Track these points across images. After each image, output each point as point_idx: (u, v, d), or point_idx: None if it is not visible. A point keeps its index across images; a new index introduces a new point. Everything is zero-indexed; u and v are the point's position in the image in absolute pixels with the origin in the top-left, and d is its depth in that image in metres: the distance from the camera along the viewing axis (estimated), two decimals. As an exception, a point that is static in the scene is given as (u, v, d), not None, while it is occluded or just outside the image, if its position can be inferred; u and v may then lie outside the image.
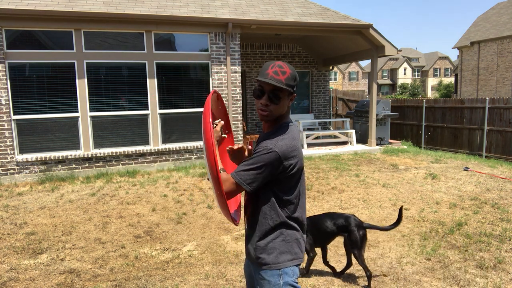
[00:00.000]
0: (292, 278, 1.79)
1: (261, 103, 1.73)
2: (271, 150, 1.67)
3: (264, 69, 1.73)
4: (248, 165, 1.68)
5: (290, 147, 1.71)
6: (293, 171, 1.73)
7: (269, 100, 1.72)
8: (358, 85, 61.44)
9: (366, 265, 3.32)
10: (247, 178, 1.68)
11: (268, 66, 1.72)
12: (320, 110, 13.76)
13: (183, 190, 6.53)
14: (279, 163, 1.68)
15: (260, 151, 1.69)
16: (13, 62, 7.28)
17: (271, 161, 1.67)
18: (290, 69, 1.73)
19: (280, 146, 1.69)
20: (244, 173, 1.68)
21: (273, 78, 1.68)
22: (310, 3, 9.96)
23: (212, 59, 8.49)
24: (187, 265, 3.86)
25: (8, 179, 7.34)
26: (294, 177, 1.76)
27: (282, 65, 1.72)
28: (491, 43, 24.50)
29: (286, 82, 1.70)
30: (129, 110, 8.12)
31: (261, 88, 1.73)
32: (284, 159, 1.69)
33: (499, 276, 3.51)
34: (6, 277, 3.63)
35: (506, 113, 10.05)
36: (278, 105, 1.73)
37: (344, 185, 6.75)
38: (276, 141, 1.70)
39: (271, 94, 1.71)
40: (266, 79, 1.69)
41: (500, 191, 6.33)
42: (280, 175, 1.72)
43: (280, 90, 1.71)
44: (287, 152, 1.70)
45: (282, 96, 1.73)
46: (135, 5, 7.94)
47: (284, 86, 1.69)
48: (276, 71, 1.70)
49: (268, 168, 1.67)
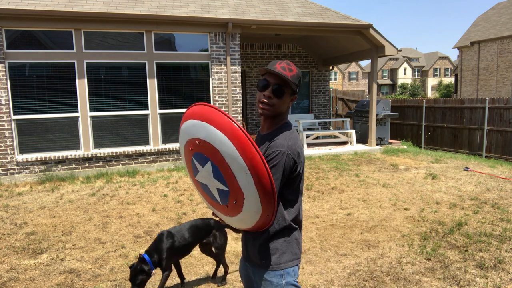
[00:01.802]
0: (294, 278, 1.79)
1: (264, 94, 1.73)
2: (284, 152, 1.67)
3: (271, 64, 1.75)
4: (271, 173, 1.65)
5: (298, 147, 1.73)
6: (298, 171, 1.75)
7: (272, 93, 1.72)
8: (358, 85, 61.43)
9: (226, 261, 3.48)
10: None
11: (276, 62, 1.74)
12: (320, 110, 13.76)
13: (183, 190, 6.53)
14: (293, 163, 1.70)
15: (274, 157, 1.67)
16: (13, 62, 7.28)
17: (286, 163, 1.68)
18: (297, 69, 1.76)
19: (291, 147, 1.70)
20: None
21: (280, 72, 1.70)
22: (310, 3, 9.96)
23: (212, 59, 8.49)
24: (187, 265, 3.86)
25: (8, 179, 7.34)
26: (298, 177, 1.78)
27: (290, 63, 1.75)
28: (491, 43, 24.50)
29: (291, 79, 1.72)
30: (129, 110, 8.12)
31: (266, 80, 1.74)
32: (295, 158, 1.71)
33: (499, 276, 3.51)
34: (6, 277, 3.63)
35: (506, 113, 10.05)
36: (280, 100, 1.74)
37: (344, 185, 6.75)
38: (286, 142, 1.70)
39: (275, 87, 1.72)
40: (274, 70, 1.71)
41: (500, 191, 6.33)
42: (290, 176, 1.73)
43: (284, 85, 1.73)
44: (296, 151, 1.72)
45: (286, 92, 1.74)
46: (135, 5, 7.94)
47: (289, 80, 1.71)
48: (283, 66, 1.72)
49: (286, 171, 1.68)
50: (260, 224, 1.65)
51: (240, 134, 1.46)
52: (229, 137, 1.47)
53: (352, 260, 3.89)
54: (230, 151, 1.47)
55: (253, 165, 1.45)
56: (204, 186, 1.72)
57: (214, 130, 1.50)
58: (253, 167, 1.45)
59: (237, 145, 1.45)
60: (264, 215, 1.58)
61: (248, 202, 1.55)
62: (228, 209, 1.65)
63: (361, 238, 4.46)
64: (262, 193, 1.49)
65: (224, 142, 1.48)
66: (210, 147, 1.54)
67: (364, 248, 4.17)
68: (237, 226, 1.77)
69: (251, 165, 1.45)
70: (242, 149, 1.45)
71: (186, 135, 1.67)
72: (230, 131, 1.47)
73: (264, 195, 1.49)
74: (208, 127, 1.52)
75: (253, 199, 1.52)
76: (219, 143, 1.49)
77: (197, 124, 1.58)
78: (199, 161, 1.64)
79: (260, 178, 1.46)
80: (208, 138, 1.53)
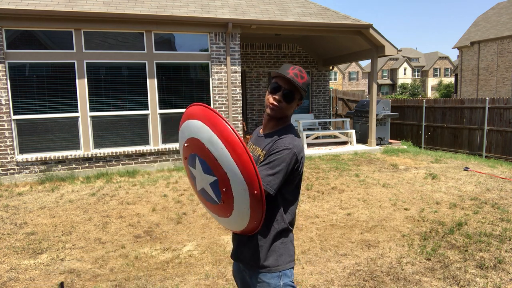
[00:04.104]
0: (290, 278, 1.80)
1: (275, 97, 1.78)
2: (290, 149, 1.70)
3: (284, 68, 1.79)
4: (270, 168, 1.67)
5: (302, 147, 1.79)
6: (300, 170, 1.79)
7: (283, 97, 1.77)
8: (358, 85, 61.43)
9: None
10: (271, 181, 1.66)
11: (289, 67, 1.79)
12: (320, 110, 13.76)
13: (183, 190, 6.53)
14: (296, 162, 1.73)
15: (280, 151, 1.70)
16: (13, 62, 7.28)
17: (291, 161, 1.70)
18: (307, 76, 1.83)
19: (296, 145, 1.74)
20: (269, 177, 1.65)
21: (293, 78, 1.75)
22: (310, 3, 9.96)
23: (212, 59, 8.49)
24: (187, 265, 3.86)
25: (8, 179, 7.34)
26: (298, 177, 1.81)
27: (302, 70, 1.81)
28: (491, 43, 24.50)
29: (302, 86, 1.78)
30: (129, 110, 8.12)
31: (278, 84, 1.79)
32: (299, 157, 1.74)
33: (499, 276, 3.51)
34: (6, 277, 3.63)
35: (506, 113, 10.05)
36: (290, 105, 1.80)
37: (344, 185, 6.75)
38: (291, 141, 1.74)
39: (286, 92, 1.77)
40: (287, 76, 1.75)
41: (500, 191, 6.33)
42: (291, 175, 1.75)
43: (295, 91, 1.78)
44: (300, 151, 1.76)
45: (295, 97, 1.80)
46: (135, 5, 7.94)
47: (300, 87, 1.76)
48: (296, 73, 1.77)
49: (289, 168, 1.70)
50: (254, 216, 1.60)
51: (209, 113, 1.54)
52: (203, 121, 1.56)
53: (352, 260, 3.89)
54: (207, 134, 1.54)
55: (225, 137, 1.49)
56: (203, 193, 1.73)
57: (192, 122, 1.62)
58: (225, 139, 1.49)
59: (209, 124, 1.53)
60: (252, 196, 1.52)
61: (234, 184, 1.53)
62: (224, 205, 1.65)
63: (361, 238, 4.46)
64: (241, 166, 1.48)
65: (200, 128, 1.57)
66: (194, 141, 1.62)
67: (364, 248, 4.17)
68: (233, 228, 1.77)
69: (223, 137, 1.50)
70: (213, 125, 1.52)
71: (180, 142, 1.79)
72: (202, 115, 1.57)
73: (244, 168, 1.48)
74: (189, 123, 1.65)
75: (236, 178, 1.50)
76: (197, 131, 1.59)
77: (183, 127, 1.72)
78: (191, 163, 1.71)
79: (235, 149, 1.48)
80: (190, 133, 1.64)
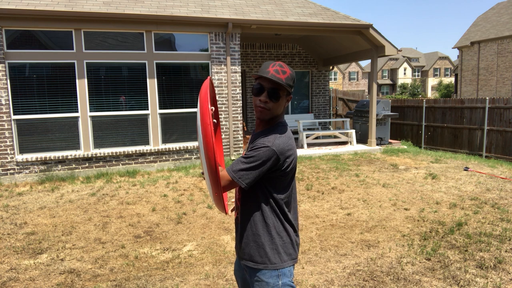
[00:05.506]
0: (290, 278, 1.79)
1: (260, 99, 1.74)
2: (269, 147, 1.68)
3: (264, 67, 1.75)
4: (245, 163, 1.68)
5: (287, 146, 1.73)
6: (288, 169, 1.75)
7: (268, 97, 1.73)
8: (358, 85, 61.43)
9: None
10: (243, 175, 1.67)
11: (269, 65, 1.74)
12: (320, 110, 13.76)
13: (183, 190, 6.53)
14: (276, 160, 1.69)
15: (258, 148, 1.69)
16: (13, 62, 7.28)
17: (269, 158, 1.67)
18: (290, 70, 1.76)
19: (278, 144, 1.70)
20: (242, 171, 1.67)
21: (274, 76, 1.70)
22: (310, 3, 9.96)
23: (212, 59, 8.49)
24: (187, 265, 3.86)
25: (8, 179, 7.34)
26: (288, 176, 1.78)
27: (283, 64, 1.75)
28: (491, 43, 24.50)
29: (286, 81, 1.73)
30: (129, 110, 8.12)
31: (261, 85, 1.74)
32: (281, 156, 1.70)
33: (499, 276, 3.51)
34: (6, 277, 3.63)
35: (506, 113, 10.05)
36: (277, 103, 1.75)
37: (344, 185, 6.75)
38: (273, 139, 1.71)
39: (270, 91, 1.72)
40: (267, 75, 1.70)
41: (500, 191, 6.33)
42: (275, 173, 1.73)
43: (279, 89, 1.73)
44: (284, 150, 1.71)
45: (281, 94, 1.75)
46: (135, 5, 7.94)
47: (284, 84, 1.71)
48: (276, 69, 1.72)
49: (265, 165, 1.68)
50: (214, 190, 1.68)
51: (201, 90, 1.69)
52: (200, 104, 1.69)
53: (352, 260, 3.89)
54: (198, 111, 1.68)
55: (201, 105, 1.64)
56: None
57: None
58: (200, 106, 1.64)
59: (200, 111, 1.66)
60: (213, 185, 1.65)
61: (201, 154, 1.69)
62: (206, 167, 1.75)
63: (361, 238, 4.46)
64: (203, 131, 1.60)
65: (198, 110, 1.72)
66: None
67: (364, 248, 4.17)
68: (211, 192, 1.80)
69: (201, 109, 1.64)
70: (201, 117, 1.65)
71: None
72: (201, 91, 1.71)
73: (204, 136, 1.60)
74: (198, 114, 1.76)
75: (201, 146, 1.67)
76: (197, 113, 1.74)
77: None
78: None
79: (203, 118, 1.60)
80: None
